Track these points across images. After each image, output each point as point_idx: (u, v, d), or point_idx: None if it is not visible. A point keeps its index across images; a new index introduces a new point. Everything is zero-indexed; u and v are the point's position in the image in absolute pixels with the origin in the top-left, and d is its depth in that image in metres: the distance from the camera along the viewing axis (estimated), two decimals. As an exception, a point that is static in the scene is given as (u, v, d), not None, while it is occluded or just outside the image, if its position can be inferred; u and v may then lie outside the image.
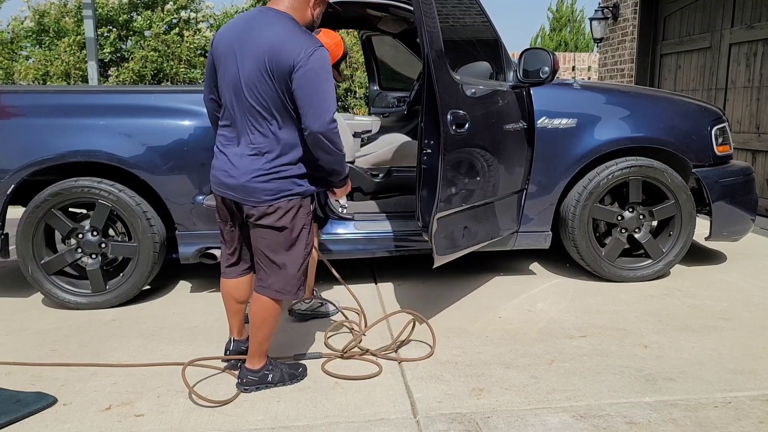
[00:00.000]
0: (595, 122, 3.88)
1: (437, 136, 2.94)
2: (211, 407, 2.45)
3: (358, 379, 2.67)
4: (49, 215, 3.58)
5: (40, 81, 11.12)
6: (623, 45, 8.56)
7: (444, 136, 2.94)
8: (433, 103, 2.94)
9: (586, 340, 3.07)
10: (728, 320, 3.32)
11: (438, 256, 3.11)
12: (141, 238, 3.62)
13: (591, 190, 3.86)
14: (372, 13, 4.61)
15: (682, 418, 2.32)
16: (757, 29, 6.23)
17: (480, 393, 2.54)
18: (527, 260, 4.53)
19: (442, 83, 2.96)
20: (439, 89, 2.93)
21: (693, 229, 4.00)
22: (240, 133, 2.48)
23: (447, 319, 3.39)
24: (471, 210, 3.29)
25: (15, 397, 2.52)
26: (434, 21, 2.98)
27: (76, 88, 6.05)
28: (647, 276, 4.00)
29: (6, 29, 12.45)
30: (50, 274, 3.63)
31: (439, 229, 3.05)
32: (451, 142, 3.00)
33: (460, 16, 3.53)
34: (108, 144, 3.58)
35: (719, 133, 4.09)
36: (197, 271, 4.39)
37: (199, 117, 3.65)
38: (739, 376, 2.65)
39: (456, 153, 3.06)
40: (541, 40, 19.48)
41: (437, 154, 2.94)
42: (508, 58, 3.65)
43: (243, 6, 12.87)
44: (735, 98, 6.59)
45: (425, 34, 2.90)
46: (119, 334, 3.26)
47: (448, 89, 3.02)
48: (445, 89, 2.99)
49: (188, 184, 3.67)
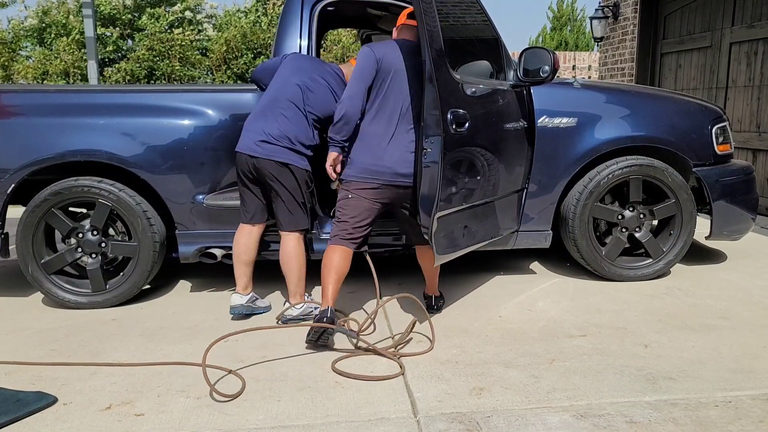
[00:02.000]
0: (595, 121, 3.88)
1: (437, 135, 2.94)
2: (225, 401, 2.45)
3: (380, 379, 2.67)
4: (49, 214, 3.58)
5: (39, 80, 11.13)
6: (624, 44, 8.56)
7: (444, 135, 2.93)
8: (434, 102, 2.93)
9: (587, 340, 3.07)
10: (728, 319, 3.31)
11: (438, 255, 3.11)
12: (141, 238, 3.62)
13: (591, 190, 3.86)
14: (372, 12, 4.60)
15: (682, 417, 2.32)
16: (757, 28, 6.22)
17: (480, 392, 2.54)
18: (527, 259, 4.53)
19: (442, 82, 2.95)
20: (440, 88, 2.92)
21: (693, 229, 4.00)
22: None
23: (447, 318, 3.39)
24: (471, 209, 3.29)
25: (15, 396, 2.51)
26: (434, 19, 2.97)
27: (76, 88, 6.05)
28: (648, 275, 4.00)
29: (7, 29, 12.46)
30: (50, 273, 3.63)
31: (440, 228, 3.04)
32: (451, 142, 2.99)
33: (461, 15, 3.52)
34: (108, 143, 3.57)
35: (720, 132, 4.09)
36: (197, 271, 4.39)
37: (200, 117, 3.65)
38: (739, 375, 2.65)
39: (456, 152, 3.06)
40: (542, 40, 19.47)
41: (437, 153, 2.94)
42: (508, 57, 3.64)
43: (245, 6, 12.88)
44: (735, 97, 6.58)
45: (425, 32, 2.90)
46: (119, 334, 3.26)
47: (448, 88, 3.01)
48: (445, 88, 2.98)
49: (188, 183, 3.67)
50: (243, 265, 3.41)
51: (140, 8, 12.17)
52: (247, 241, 3.40)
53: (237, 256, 3.42)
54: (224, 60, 11.63)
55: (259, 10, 12.71)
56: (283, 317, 3.35)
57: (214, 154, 3.66)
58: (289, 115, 3.26)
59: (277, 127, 3.24)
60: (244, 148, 3.27)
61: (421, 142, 3.02)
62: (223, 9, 16.52)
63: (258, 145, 3.22)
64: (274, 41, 3.87)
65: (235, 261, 3.43)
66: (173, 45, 11.30)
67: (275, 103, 3.29)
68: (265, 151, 3.21)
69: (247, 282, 3.44)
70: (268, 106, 3.30)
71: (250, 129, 3.30)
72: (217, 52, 11.59)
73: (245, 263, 3.41)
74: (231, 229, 3.73)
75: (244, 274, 3.42)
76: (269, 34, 11.80)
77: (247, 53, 11.59)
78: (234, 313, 3.41)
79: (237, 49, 11.62)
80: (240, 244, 3.41)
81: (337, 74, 3.44)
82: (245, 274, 3.42)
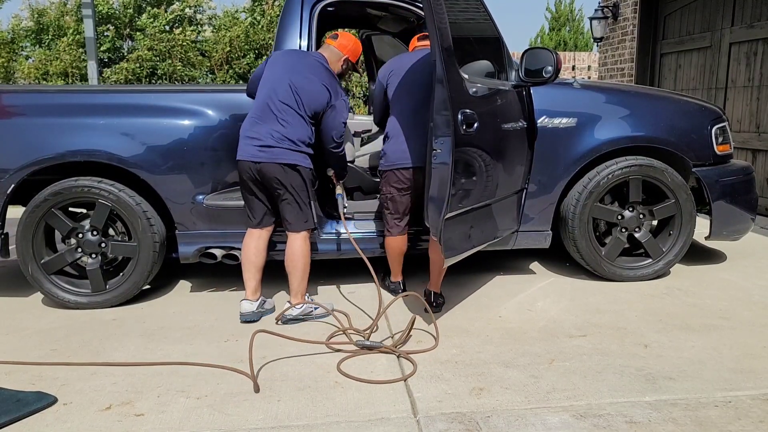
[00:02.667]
0: (595, 121, 3.88)
1: (448, 136, 2.91)
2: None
3: (397, 381, 2.68)
4: (49, 215, 3.58)
5: (40, 80, 11.13)
6: (623, 44, 8.56)
7: (455, 136, 2.91)
8: (444, 103, 2.90)
9: (586, 340, 3.07)
10: (728, 319, 3.32)
11: (447, 257, 3.09)
12: (141, 238, 3.62)
13: (591, 190, 3.86)
14: (372, 13, 4.60)
15: (682, 417, 2.33)
16: (757, 28, 6.23)
17: (480, 392, 2.54)
18: (527, 259, 4.53)
19: (453, 82, 2.92)
20: (450, 88, 2.89)
21: (693, 229, 4.00)
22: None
23: (447, 318, 3.39)
24: (477, 210, 3.27)
25: (15, 396, 2.52)
26: (444, 17, 2.92)
27: (76, 88, 6.05)
28: (647, 275, 4.00)
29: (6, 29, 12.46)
30: (50, 273, 3.63)
31: (448, 230, 3.02)
32: (461, 143, 2.96)
33: (463, 13, 3.51)
34: (108, 143, 3.57)
35: (719, 132, 4.09)
36: (197, 271, 4.40)
37: (199, 117, 3.65)
38: (739, 375, 2.65)
39: (465, 153, 3.03)
40: (541, 40, 19.47)
41: (448, 155, 2.91)
42: (509, 57, 3.64)
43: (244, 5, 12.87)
44: (735, 97, 6.59)
45: (435, 30, 2.83)
46: (119, 334, 3.26)
47: (458, 88, 2.98)
48: (455, 88, 2.95)
49: (188, 183, 3.67)
50: (254, 269, 3.40)
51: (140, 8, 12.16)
52: (258, 245, 3.40)
53: (248, 260, 3.40)
54: (227, 60, 11.62)
55: (256, 11, 12.71)
56: (283, 317, 3.35)
57: (214, 154, 3.67)
58: (286, 117, 3.25)
59: (277, 130, 3.23)
60: (247, 155, 3.26)
61: (429, 142, 3.00)
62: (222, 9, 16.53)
63: (261, 151, 3.22)
64: (275, 41, 3.87)
65: (246, 265, 3.41)
66: (174, 45, 11.30)
67: (269, 106, 3.27)
68: (269, 155, 3.21)
69: (257, 286, 3.43)
70: (263, 110, 3.29)
71: (248, 135, 3.29)
72: (219, 51, 11.58)
73: (257, 267, 3.41)
74: (231, 229, 3.74)
75: (254, 278, 3.41)
76: (269, 35, 11.80)
77: (250, 53, 11.59)
78: (246, 320, 3.39)
79: (240, 49, 11.62)
80: (251, 248, 3.40)
81: (322, 64, 3.42)
82: (255, 278, 3.42)
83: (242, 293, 3.46)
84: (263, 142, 3.22)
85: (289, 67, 3.35)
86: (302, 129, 3.27)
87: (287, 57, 3.45)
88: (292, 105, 3.26)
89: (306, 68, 3.35)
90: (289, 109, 3.26)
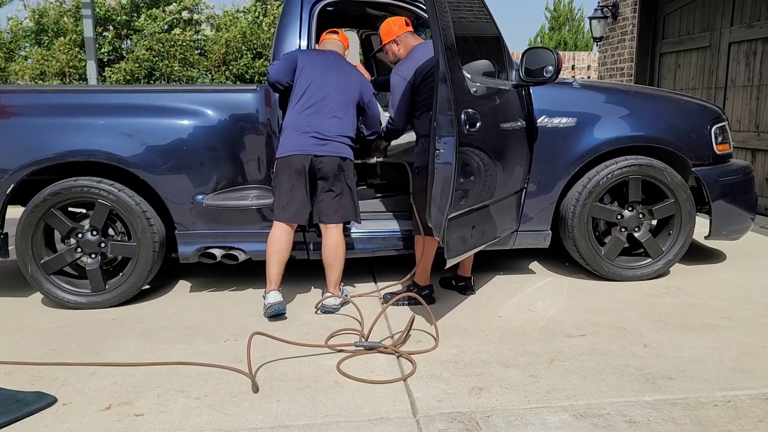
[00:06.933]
0: (594, 121, 3.88)
1: (451, 135, 2.90)
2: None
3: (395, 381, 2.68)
4: (48, 215, 3.58)
5: (37, 80, 11.12)
6: (623, 44, 8.56)
7: (458, 136, 2.90)
8: (447, 102, 2.89)
9: (586, 339, 3.07)
10: (728, 319, 3.32)
11: (450, 257, 3.09)
12: (140, 238, 3.62)
13: (591, 189, 3.86)
14: (372, 12, 4.60)
15: (681, 416, 2.33)
16: (756, 28, 6.23)
17: (480, 392, 2.54)
18: (527, 259, 4.53)
19: (456, 82, 2.91)
20: (454, 88, 2.88)
21: (692, 228, 4.00)
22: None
23: (447, 318, 3.39)
24: (479, 210, 3.27)
25: (15, 396, 2.51)
26: (447, 16, 2.92)
27: (75, 88, 6.05)
28: (647, 275, 4.00)
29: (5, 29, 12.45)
30: (50, 273, 3.63)
31: (451, 230, 3.02)
32: (464, 142, 2.96)
33: (464, 12, 3.50)
34: (107, 143, 3.57)
35: (719, 131, 4.09)
36: (197, 271, 4.39)
37: (199, 117, 3.65)
38: (738, 375, 2.65)
39: (468, 153, 3.02)
40: (541, 39, 19.48)
41: (451, 154, 2.89)
42: (509, 57, 3.64)
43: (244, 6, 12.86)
44: (734, 97, 6.59)
45: (438, 29, 2.81)
46: (119, 334, 3.26)
47: (461, 87, 2.97)
48: (459, 87, 2.94)
49: (188, 183, 3.67)
50: (281, 263, 3.45)
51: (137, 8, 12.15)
52: (288, 239, 3.46)
53: (277, 254, 3.43)
54: (224, 60, 11.62)
55: (259, 10, 12.71)
56: (323, 307, 3.46)
57: (214, 154, 3.67)
58: (338, 112, 3.40)
59: (334, 124, 3.37)
60: (304, 149, 3.34)
61: (432, 142, 2.99)
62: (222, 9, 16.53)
63: (322, 144, 3.33)
64: (274, 41, 3.88)
65: (274, 259, 3.43)
66: (173, 45, 11.29)
67: (321, 101, 3.39)
68: (331, 148, 3.35)
69: (279, 280, 3.48)
70: (314, 105, 3.39)
71: (300, 129, 3.37)
72: (216, 52, 11.58)
73: (283, 261, 3.46)
74: (230, 229, 3.74)
75: (281, 272, 3.46)
76: (269, 35, 11.79)
77: (247, 54, 11.59)
78: (274, 311, 3.36)
79: (237, 50, 11.62)
80: (282, 242, 3.44)
81: (345, 60, 3.62)
82: (281, 272, 3.47)
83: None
84: (324, 135, 3.33)
85: (331, 62, 3.50)
86: (353, 123, 3.45)
87: (322, 53, 3.59)
88: (343, 100, 3.41)
89: (342, 63, 3.54)
90: (342, 103, 3.41)
